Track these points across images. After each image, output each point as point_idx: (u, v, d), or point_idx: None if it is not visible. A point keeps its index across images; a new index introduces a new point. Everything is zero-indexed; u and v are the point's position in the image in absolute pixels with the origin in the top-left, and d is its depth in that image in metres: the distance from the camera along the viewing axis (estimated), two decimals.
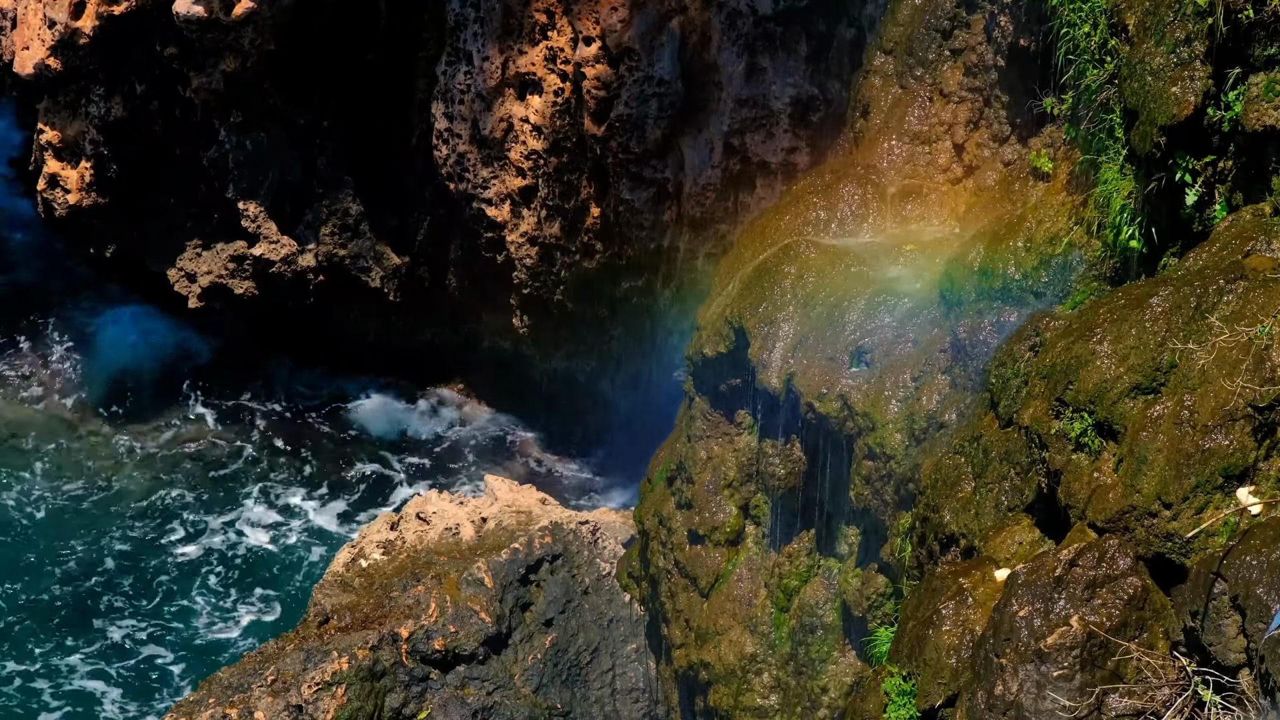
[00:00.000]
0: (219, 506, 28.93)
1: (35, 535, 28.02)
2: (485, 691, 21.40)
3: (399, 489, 29.48)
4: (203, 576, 27.54)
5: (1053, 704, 12.18)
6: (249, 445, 30.17)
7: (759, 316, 19.27)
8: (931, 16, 20.08)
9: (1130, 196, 15.29)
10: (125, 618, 26.71)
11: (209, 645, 26.30)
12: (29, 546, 27.80)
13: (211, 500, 28.95)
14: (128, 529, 28.27)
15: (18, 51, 28.21)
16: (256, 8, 26.57)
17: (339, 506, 29.13)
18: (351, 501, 29.25)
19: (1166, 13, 14.58)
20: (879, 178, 20.16)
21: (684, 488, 20.56)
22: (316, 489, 29.43)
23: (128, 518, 28.47)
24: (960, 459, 15.92)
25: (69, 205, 29.01)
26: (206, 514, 28.79)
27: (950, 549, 15.62)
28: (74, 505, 28.64)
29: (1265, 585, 11.33)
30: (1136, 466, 12.74)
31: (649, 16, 24.66)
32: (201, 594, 27.19)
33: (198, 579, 27.47)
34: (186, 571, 27.59)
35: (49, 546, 27.81)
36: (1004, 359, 15.72)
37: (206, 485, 29.30)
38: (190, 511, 28.76)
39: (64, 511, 28.53)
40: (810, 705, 19.22)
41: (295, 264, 29.23)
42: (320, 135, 28.51)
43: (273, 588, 27.44)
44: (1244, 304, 12.77)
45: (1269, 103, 13.74)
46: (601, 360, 29.04)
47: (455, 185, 27.43)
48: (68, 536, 28.02)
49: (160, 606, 26.96)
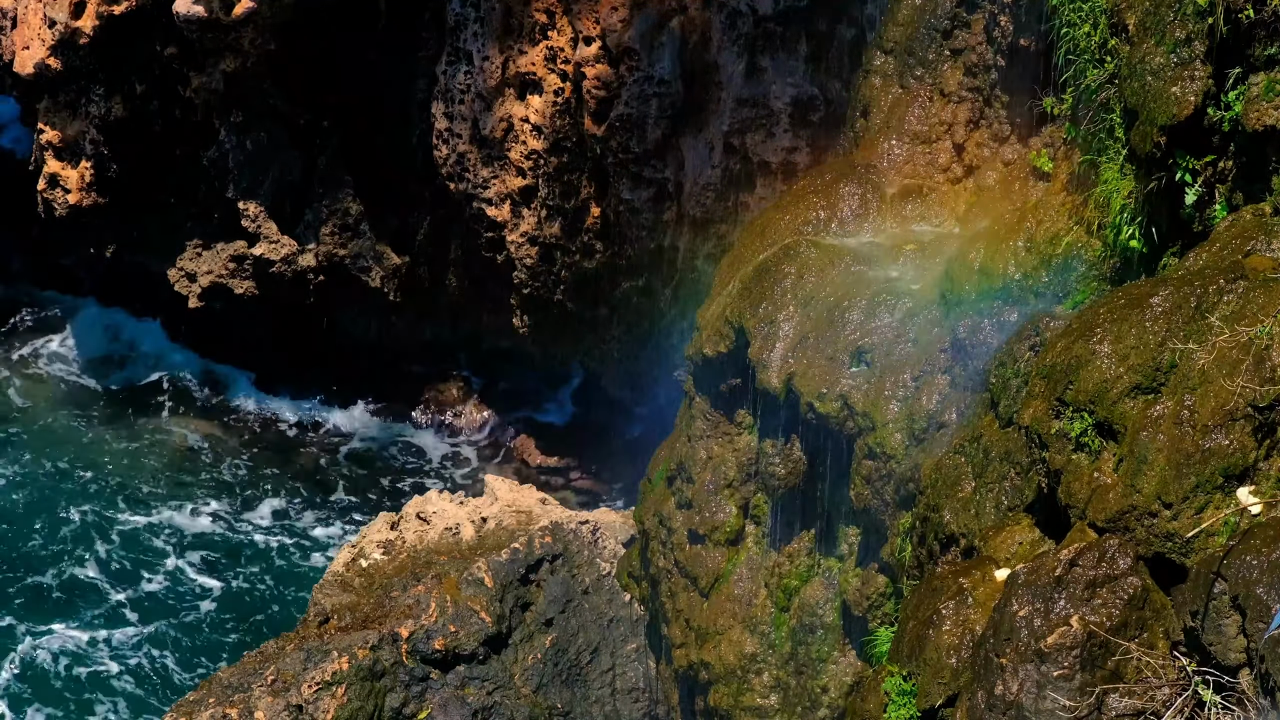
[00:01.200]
0: (217, 507, 28.93)
1: (32, 532, 28.06)
2: (485, 691, 21.40)
3: (399, 489, 29.48)
4: (202, 575, 27.54)
5: (1053, 704, 12.19)
6: (245, 444, 30.17)
7: (759, 316, 19.27)
8: (931, 16, 20.08)
9: (1130, 196, 15.29)
10: (125, 617, 26.71)
11: (208, 645, 26.29)
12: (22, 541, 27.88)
13: (210, 501, 28.95)
14: (126, 528, 28.28)
15: (18, 51, 28.21)
16: (256, 8, 26.57)
17: (338, 507, 29.13)
18: (351, 502, 29.25)
19: (1167, 12, 14.58)
20: (879, 177, 20.16)
21: (684, 487, 20.56)
22: (316, 489, 29.44)
23: (125, 517, 28.48)
24: (960, 459, 15.92)
25: (69, 205, 29.01)
26: (206, 514, 28.79)
27: (950, 549, 15.62)
28: (70, 502, 28.68)
29: (1265, 585, 11.33)
30: (1137, 466, 12.74)
31: (649, 16, 24.66)
32: (201, 593, 27.19)
33: (197, 578, 27.47)
34: (184, 570, 27.59)
35: (43, 543, 27.82)
36: (1004, 359, 15.73)
37: (203, 485, 29.31)
38: (190, 511, 28.77)
39: (63, 510, 28.57)
40: (810, 705, 19.23)
41: (295, 264, 29.24)
42: (320, 135, 28.52)
43: (271, 588, 27.44)
44: (1244, 304, 12.77)
45: (1269, 102, 13.74)
46: (602, 360, 29.05)
47: (455, 185, 27.43)
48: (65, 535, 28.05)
49: (160, 607, 26.97)
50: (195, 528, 28.42)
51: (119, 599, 27.01)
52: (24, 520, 28.29)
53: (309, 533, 28.54)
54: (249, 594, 27.27)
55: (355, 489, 29.48)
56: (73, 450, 29.76)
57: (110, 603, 26.94)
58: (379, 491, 29.45)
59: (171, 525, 28.42)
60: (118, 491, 28.96)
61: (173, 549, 27.96)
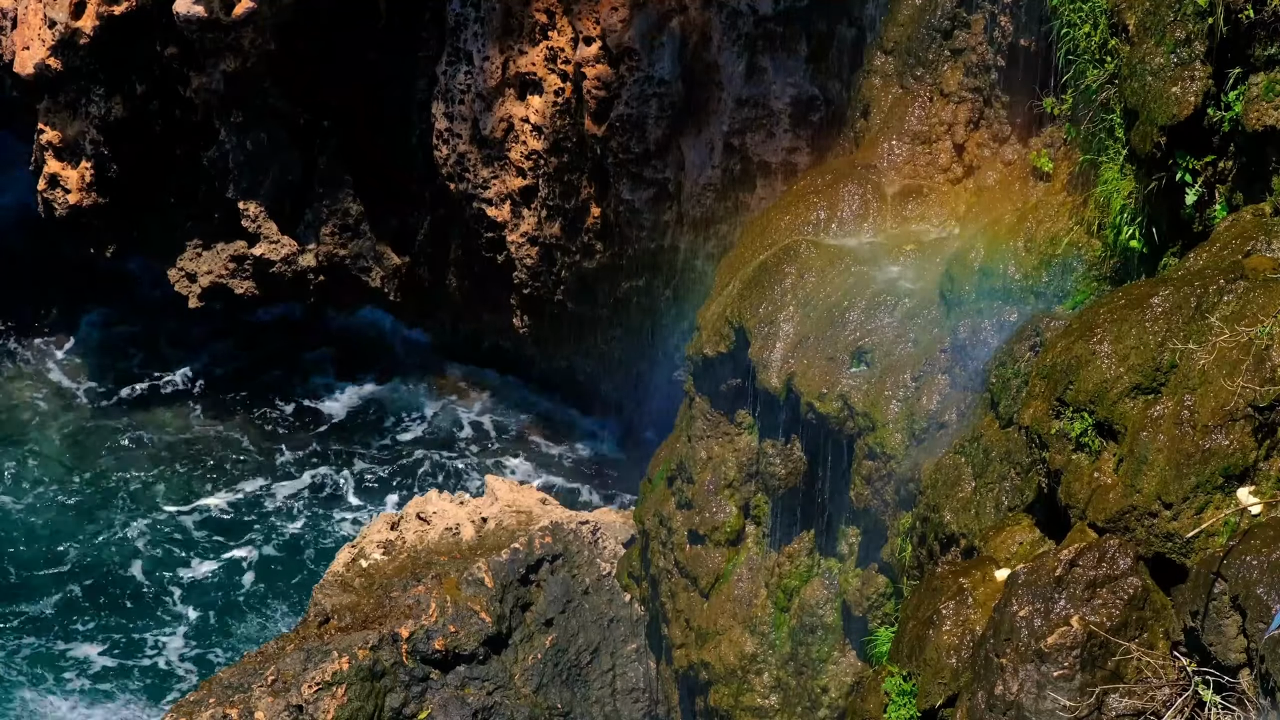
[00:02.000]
0: (214, 506, 28.93)
1: (30, 529, 28.06)
2: (485, 691, 21.40)
3: (399, 489, 29.47)
4: (200, 576, 27.54)
5: (1053, 704, 12.19)
6: (244, 444, 30.16)
7: (759, 316, 19.28)
8: (932, 16, 20.09)
9: (1130, 196, 15.29)
10: (123, 617, 26.73)
11: (208, 645, 26.29)
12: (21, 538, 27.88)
13: (207, 500, 28.95)
14: (124, 530, 28.28)
15: (18, 51, 28.20)
16: (256, 7, 26.57)
17: (338, 507, 29.12)
18: (351, 502, 29.24)
19: (1167, 13, 14.58)
20: (879, 177, 20.17)
21: (684, 487, 20.56)
22: (314, 489, 29.43)
23: (122, 514, 28.49)
24: (960, 459, 15.93)
25: (69, 205, 29.00)
26: (204, 513, 28.79)
27: (950, 549, 15.63)
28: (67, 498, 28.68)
29: (1265, 585, 11.33)
30: (1137, 466, 12.74)
31: (649, 16, 24.66)
32: (199, 594, 27.20)
33: (195, 578, 27.48)
34: (183, 571, 27.59)
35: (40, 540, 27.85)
36: (1004, 359, 15.74)
37: (200, 485, 29.30)
38: (188, 511, 28.77)
39: (61, 507, 28.56)
40: (810, 705, 19.23)
41: (295, 264, 29.25)
42: (320, 135, 28.51)
43: (270, 587, 27.44)
44: (1244, 304, 12.77)
45: (1269, 103, 13.74)
46: (602, 360, 29.05)
47: (455, 185, 27.43)
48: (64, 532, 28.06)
49: (157, 605, 26.97)
50: (190, 527, 28.42)
51: (115, 598, 27.04)
52: (16, 511, 28.36)
53: (308, 532, 28.54)
54: (246, 593, 27.26)
55: (354, 490, 29.46)
56: (74, 450, 29.78)
57: (106, 602, 26.96)
58: (379, 491, 29.44)
59: (167, 524, 28.43)
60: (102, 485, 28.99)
61: (166, 548, 27.97)
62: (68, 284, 32.56)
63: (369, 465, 30.12)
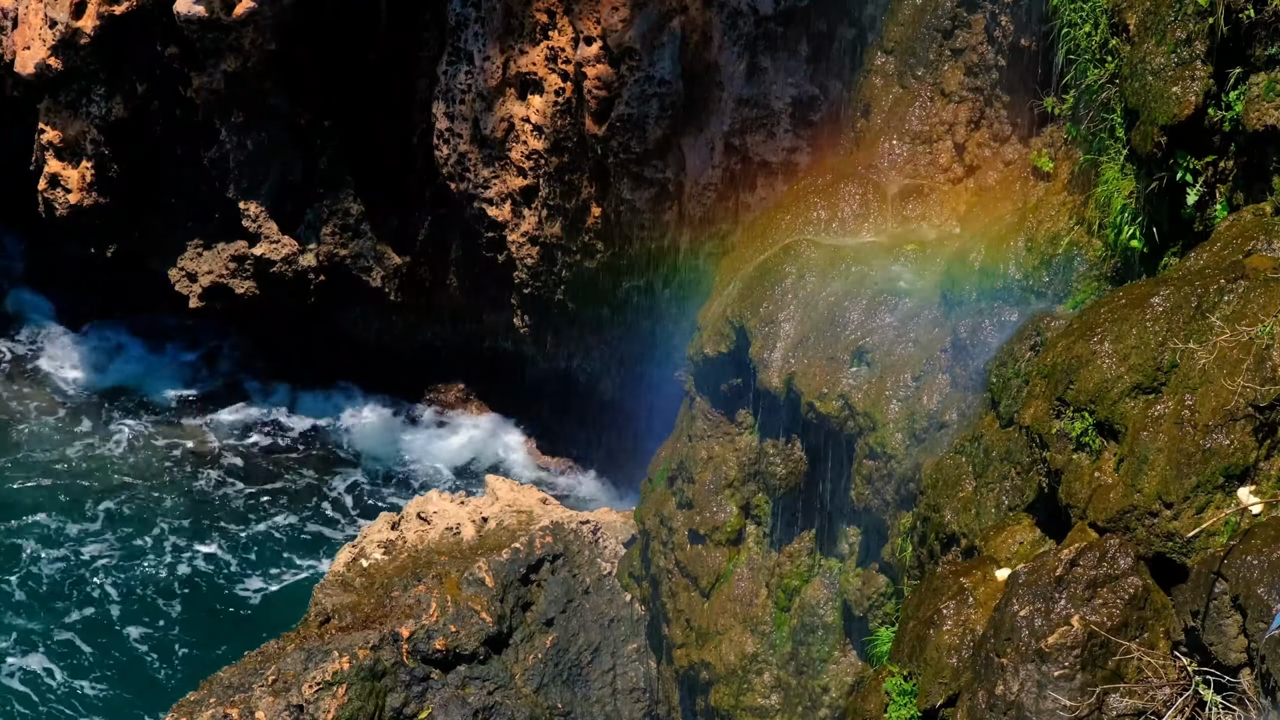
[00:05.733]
0: (212, 505, 28.95)
1: (30, 529, 28.07)
2: (486, 691, 21.40)
3: (398, 489, 29.48)
4: (200, 575, 27.55)
5: (1053, 704, 12.18)
6: (244, 446, 30.17)
7: (760, 316, 19.28)
8: (932, 16, 20.08)
9: (1131, 196, 15.29)
10: (122, 617, 26.72)
11: (208, 645, 26.29)
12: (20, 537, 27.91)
13: (205, 498, 28.97)
14: (123, 529, 28.29)
15: (19, 51, 28.22)
16: (257, 7, 26.58)
17: (337, 506, 29.13)
18: (350, 503, 29.25)
19: (1167, 12, 14.58)
20: (880, 177, 20.17)
21: (685, 487, 20.56)
22: (314, 488, 29.43)
23: (120, 514, 28.50)
24: (961, 459, 15.93)
25: (70, 205, 29.01)
26: (203, 513, 28.81)
27: (951, 549, 15.63)
28: (65, 499, 28.70)
29: (1266, 585, 11.33)
30: (1137, 466, 12.74)
31: (650, 16, 24.67)
32: (199, 593, 27.20)
33: (195, 578, 27.48)
34: (183, 571, 27.60)
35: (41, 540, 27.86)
36: (1005, 359, 15.73)
37: (200, 485, 29.31)
38: (188, 510, 28.79)
39: (59, 506, 28.58)
40: (811, 705, 19.23)
41: (296, 264, 29.25)
42: (320, 135, 28.52)
43: (270, 587, 27.44)
44: (1245, 304, 12.77)
45: (1270, 102, 13.75)
46: (602, 360, 29.05)
47: (456, 185, 27.44)
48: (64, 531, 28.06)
49: (158, 606, 26.97)
50: (190, 527, 28.44)
51: (114, 597, 27.03)
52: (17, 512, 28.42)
53: (308, 532, 28.54)
54: (245, 594, 27.26)
55: (352, 489, 29.47)
56: (72, 450, 29.78)
57: (106, 601, 26.95)
58: (380, 491, 29.44)
59: (166, 524, 28.43)
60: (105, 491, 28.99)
61: (166, 548, 27.97)
62: (68, 284, 32.59)
63: (369, 466, 30.15)
